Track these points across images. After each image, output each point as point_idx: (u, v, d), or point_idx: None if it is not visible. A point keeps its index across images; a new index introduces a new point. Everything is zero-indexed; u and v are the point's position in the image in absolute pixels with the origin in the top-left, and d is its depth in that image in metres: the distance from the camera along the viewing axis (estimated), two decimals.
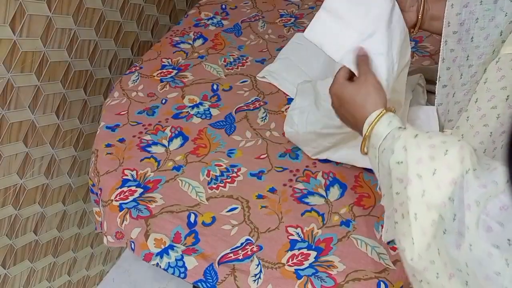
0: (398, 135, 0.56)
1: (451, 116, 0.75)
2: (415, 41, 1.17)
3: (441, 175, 0.50)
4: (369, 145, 0.60)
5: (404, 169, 0.53)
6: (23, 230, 1.11)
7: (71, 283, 1.39)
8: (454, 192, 0.48)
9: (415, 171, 0.52)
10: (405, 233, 0.53)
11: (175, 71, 1.11)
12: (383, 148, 0.57)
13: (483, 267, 0.43)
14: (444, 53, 0.71)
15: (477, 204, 0.45)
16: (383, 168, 0.57)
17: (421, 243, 0.51)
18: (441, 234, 0.49)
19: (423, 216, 0.51)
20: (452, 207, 0.48)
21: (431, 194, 0.50)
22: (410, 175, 0.52)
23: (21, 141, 1.02)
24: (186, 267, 0.75)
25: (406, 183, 0.52)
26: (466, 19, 0.68)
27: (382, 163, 0.58)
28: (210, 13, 1.30)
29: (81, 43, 1.11)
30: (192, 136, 0.95)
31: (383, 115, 0.59)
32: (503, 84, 0.64)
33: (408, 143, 0.54)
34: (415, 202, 0.51)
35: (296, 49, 1.11)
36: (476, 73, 0.70)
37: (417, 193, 0.51)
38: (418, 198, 0.51)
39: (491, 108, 0.65)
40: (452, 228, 0.47)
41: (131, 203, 0.84)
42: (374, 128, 0.59)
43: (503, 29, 0.66)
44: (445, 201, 0.49)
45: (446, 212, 0.48)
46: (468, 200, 0.46)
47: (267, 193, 0.84)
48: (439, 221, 0.49)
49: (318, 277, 0.72)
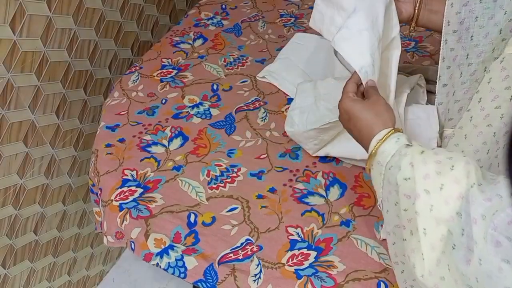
0: (404, 152, 0.56)
1: (451, 115, 0.75)
2: (415, 41, 1.17)
3: (449, 190, 0.50)
4: (375, 162, 0.60)
5: (412, 185, 0.53)
6: (23, 230, 1.11)
7: (71, 283, 1.39)
8: (461, 207, 0.48)
9: (422, 187, 0.52)
10: (415, 249, 0.53)
11: (175, 71, 1.11)
12: (390, 166, 0.57)
13: (493, 282, 0.43)
14: (444, 52, 0.71)
15: (483, 218, 0.45)
16: (390, 185, 0.57)
17: (431, 258, 0.51)
18: (450, 250, 0.49)
19: (432, 231, 0.51)
20: (460, 222, 0.48)
21: (439, 209, 0.50)
22: (418, 190, 0.52)
23: (21, 141, 1.02)
24: (186, 267, 0.75)
25: (414, 198, 0.52)
26: (465, 17, 0.68)
27: (388, 180, 0.58)
28: (210, 13, 1.30)
29: (81, 43, 1.11)
30: (192, 136, 0.95)
31: (392, 133, 0.59)
32: (507, 84, 0.64)
33: (415, 160, 0.54)
34: (423, 217, 0.51)
35: (296, 49, 1.11)
36: (475, 72, 0.70)
37: (426, 208, 0.51)
38: (427, 213, 0.51)
39: (494, 108, 0.65)
40: (461, 243, 0.47)
41: (131, 203, 0.84)
42: (382, 146, 0.59)
43: (502, 27, 0.66)
44: (453, 216, 0.49)
45: (455, 227, 0.49)
46: (474, 214, 0.46)
47: (267, 193, 0.84)
48: (448, 236, 0.49)
49: (318, 277, 0.72)
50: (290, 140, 0.93)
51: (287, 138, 0.93)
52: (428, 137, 0.78)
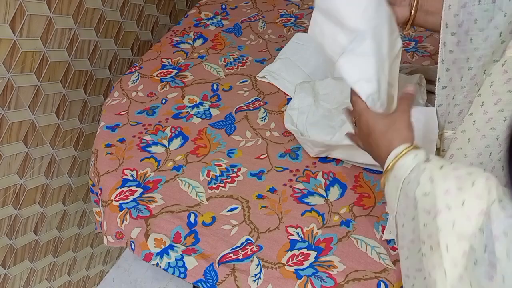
0: (423, 167, 0.56)
1: (451, 118, 0.75)
2: (415, 41, 1.17)
3: (471, 206, 0.50)
4: (391, 176, 0.60)
5: (432, 200, 0.53)
6: (23, 230, 1.11)
7: (71, 283, 1.39)
8: (484, 223, 0.48)
9: (443, 202, 0.52)
10: (436, 265, 0.52)
11: (175, 71, 1.12)
12: (409, 180, 0.57)
13: None
14: (443, 54, 0.70)
15: (506, 235, 0.45)
16: (407, 199, 0.57)
17: (454, 275, 0.50)
18: (472, 265, 0.48)
19: (455, 247, 0.50)
20: (482, 238, 0.48)
21: (462, 225, 0.50)
22: (439, 206, 0.52)
23: (21, 141, 1.02)
24: (186, 267, 0.75)
25: (435, 214, 0.52)
26: (464, 20, 0.67)
27: (406, 194, 0.57)
28: (210, 13, 1.30)
29: (81, 43, 1.11)
30: (192, 136, 0.96)
31: (410, 149, 0.59)
32: (509, 87, 0.63)
33: (434, 175, 0.54)
34: (446, 233, 0.51)
35: (296, 49, 1.11)
36: (475, 76, 0.69)
37: (448, 224, 0.51)
38: (449, 229, 0.51)
39: (497, 112, 0.64)
40: (483, 259, 0.47)
41: (131, 203, 0.84)
42: (400, 160, 0.59)
43: (502, 30, 0.66)
44: (475, 232, 0.49)
45: (477, 243, 0.48)
46: (496, 231, 0.46)
47: (267, 193, 0.84)
48: (470, 252, 0.49)
49: (318, 277, 0.72)
50: (290, 140, 0.93)
51: (287, 138, 0.93)
52: (428, 139, 0.78)
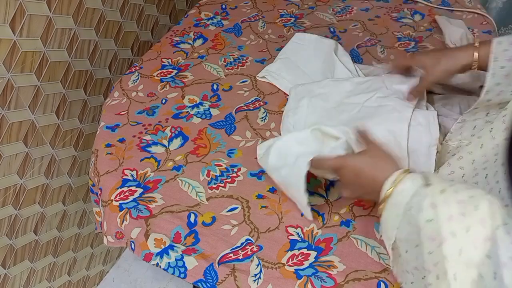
0: (424, 193, 0.55)
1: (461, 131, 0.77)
2: (415, 41, 1.17)
3: (476, 232, 0.49)
4: (389, 204, 0.59)
5: (436, 227, 0.52)
6: (23, 230, 1.11)
7: (71, 283, 1.39)
8: (491, 250, 0.48)
9: (448, 229, 0.51)
10: None
11: (175, 71, 1.12)
12: (411, 206, 0.56)
13: None
14: (489, 85, 0.72)
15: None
16: (409, 226, 0.57)
17: None
18: None
19: (463, 276, 0.50)
20: (490, 265, 0.47)
21: (469, 253, 0.49)
22: (444, 233, 0.51)
23: (21, 141, 1.02)
24: (186, 267, 0.75)
25: (440, 241, 0.51)
26: None
27: (408, 221, 0.57)
28: (210, 13, 1.30)
29: (81, 43, 1.11)
30: (192, 136, 0.95)
31: (405, 174, 0.59)
32: None
33: (436, 200, 0.53)
34: (453, 261, 0.50)
35: (296, 49, 1.11)
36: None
37: (454, 252, 0.50)
38: (455, 257, 0.50)
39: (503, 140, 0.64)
40: (493, 287, 0.46)
41: (131, 203, 0.84)
42: (398, 186, 0.58)
43: None
44: (483, 259, 0.48)
45: (485, 271, 0.48)
46: (503, 257, 0.46)
47: (267, 193, 0.84)
48: (479, 279, 0.48)
49: (318, 277, 0.72)
50: None
51: None
52: (428, 144, 0.78)
